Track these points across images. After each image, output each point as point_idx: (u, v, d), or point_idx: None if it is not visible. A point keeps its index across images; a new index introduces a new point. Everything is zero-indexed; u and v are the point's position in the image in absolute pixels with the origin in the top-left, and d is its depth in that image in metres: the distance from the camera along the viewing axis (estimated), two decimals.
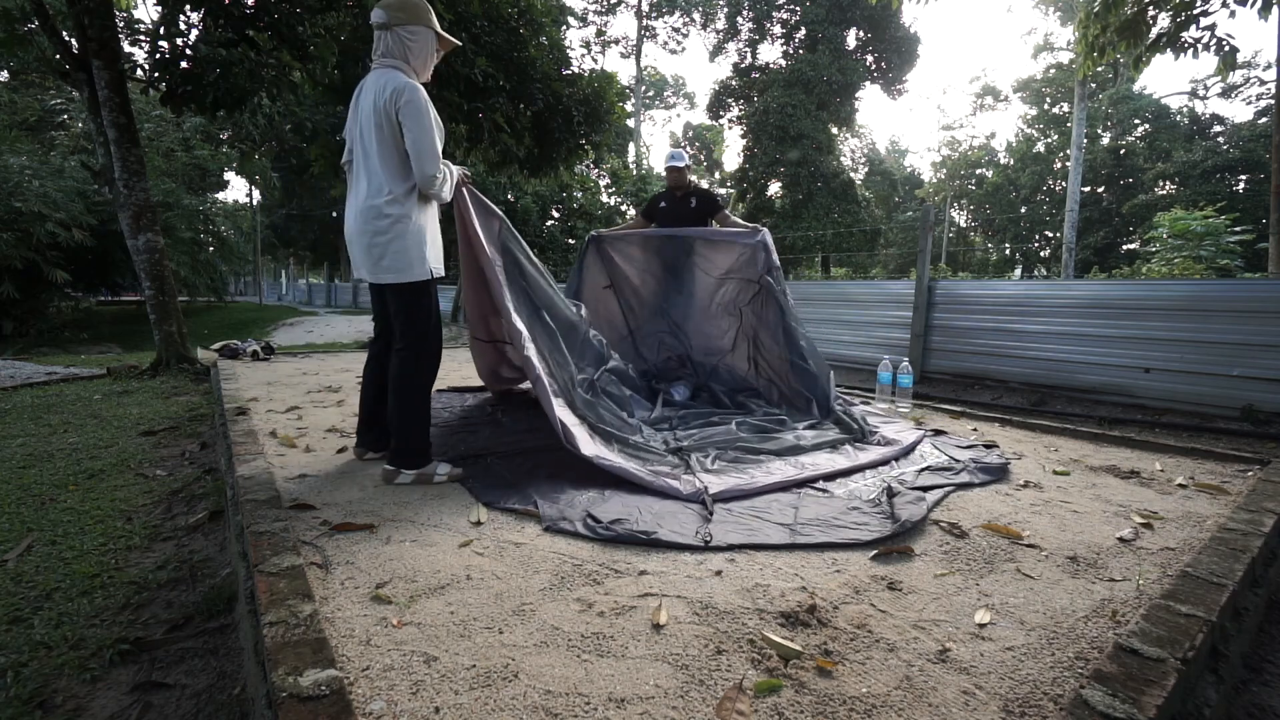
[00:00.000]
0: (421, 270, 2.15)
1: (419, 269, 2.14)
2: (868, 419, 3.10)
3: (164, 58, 5.39)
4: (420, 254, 2.14)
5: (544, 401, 2.34)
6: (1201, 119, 24.98)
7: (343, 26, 6.17)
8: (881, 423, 3.16)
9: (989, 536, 1.80)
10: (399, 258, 2.12)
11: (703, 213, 3.96)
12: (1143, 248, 13.55)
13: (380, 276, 2.16)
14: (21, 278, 11.38)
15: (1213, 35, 5.83)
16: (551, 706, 1.04)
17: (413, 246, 2.12)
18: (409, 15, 2.14)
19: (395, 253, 2.11)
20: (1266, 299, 3.90)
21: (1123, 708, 1.01)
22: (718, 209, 3.96)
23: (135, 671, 1.37)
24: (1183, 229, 8.07)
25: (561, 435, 2.27)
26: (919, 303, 5.68)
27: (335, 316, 19.44)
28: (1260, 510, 1.97)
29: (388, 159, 2.10)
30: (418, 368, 2.21)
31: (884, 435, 2.89)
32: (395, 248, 2.11)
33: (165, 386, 4.91)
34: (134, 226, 5.34)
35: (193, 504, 2.36)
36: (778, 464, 2.44)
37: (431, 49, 2.22)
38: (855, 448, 2.71)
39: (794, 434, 2.81)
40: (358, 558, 1.60)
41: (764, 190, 23.74)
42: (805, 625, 1.31)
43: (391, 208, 2.10)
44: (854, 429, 2.91)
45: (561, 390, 2.52)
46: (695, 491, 2.08)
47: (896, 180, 37.42)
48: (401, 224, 2.10)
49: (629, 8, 29.79)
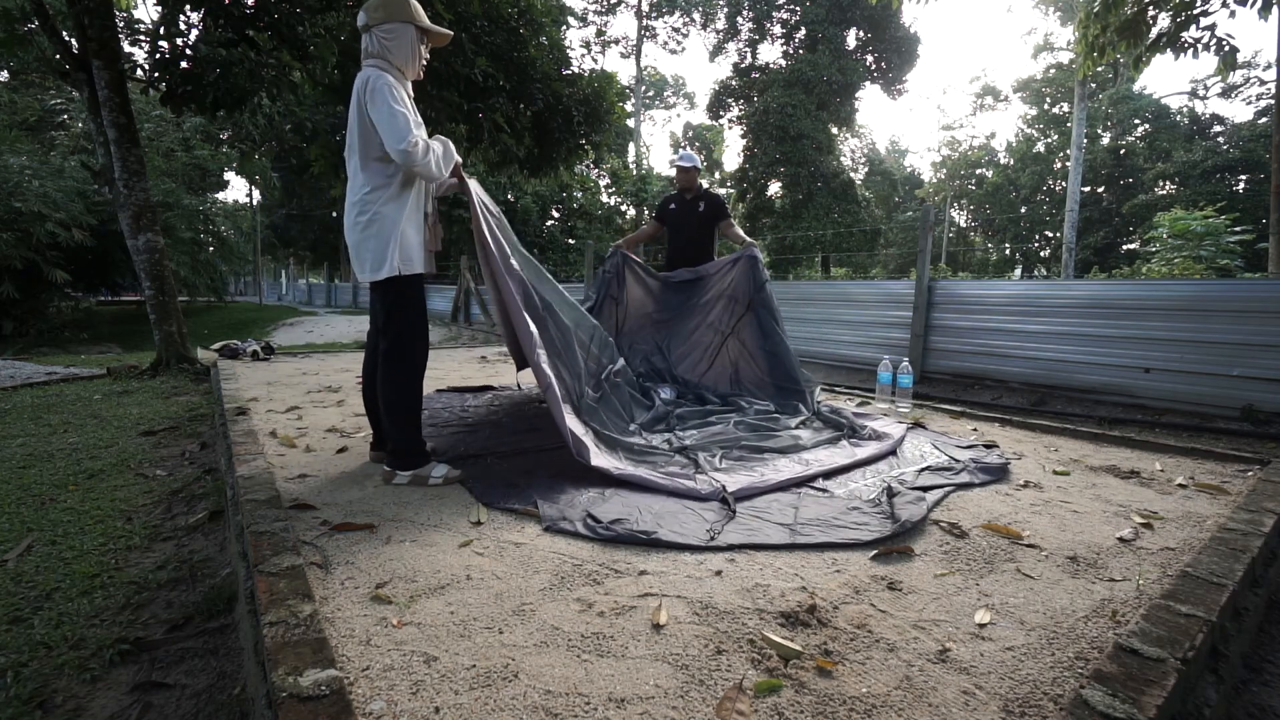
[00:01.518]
0: (389, 267, 2.12)
1: (387, 266, 2.13)
2: (854, 415, 3.19)
3: (164, 58, 5.39)
4: (387, 251, 2.12)
5: (554, 411, 2.33)
6: (1201, 119, 24.98)
7: (343, 26, 6.17)
8: (866, 419, 3.20)
9: (989, 536, 1.80)
10: (374, 254, 2.13)
11: (710, 217, 4.02)
12: (1143, 248, 13.55)
13: (362, 273, 2.18)
14: (21, 278, 11.37)
15: (1213, 35, 5.83)
16: (551, 706, 1.04)
17: (383, 243, 2.12)
18: (386, 13, 2.12)
19: (371, 249, 2.12)
20: (1266, 299, 3.90)
21: (1123, 708, 1.01)
22: (724, 215, 4.02)
23: (135, 671, 1.37)
24: (1183, 229, 8.07)
25: (572, 447, 2.26)
26: (919, 303, 5.68)
27: (335, 316, 19.43)
28: (1260, 510, 1.97)
29: (366, 155, 2.11)
30: (398, 368, 2.20)
31: (873, 429, 2.93)
32: (370, 245, 2.12)
33: (165, 386, 4.91)
34: (134, 226, 5.34)
35: (193, 504, 2.36)
36: (783, 461, 2.47)
37: (413, 45, 2.18)
38: (851, 443, 2.75)
39: (790, 432, 2.84)
40: (358, 558, 1.60)
41: (764, 190, 23.73)
42: (805, 625, 1.31)
43: (366, 204, 2.12)
44: (843, 425, 2.97)
45: (569, 395, 2.51)
46: (714, 490, 2.09)
47: (896, 180, 37.42)
48: (375, 221, 2.11)
49: (629, 8, 29.80)
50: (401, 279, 2.17)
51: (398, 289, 2.18)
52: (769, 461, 2.46)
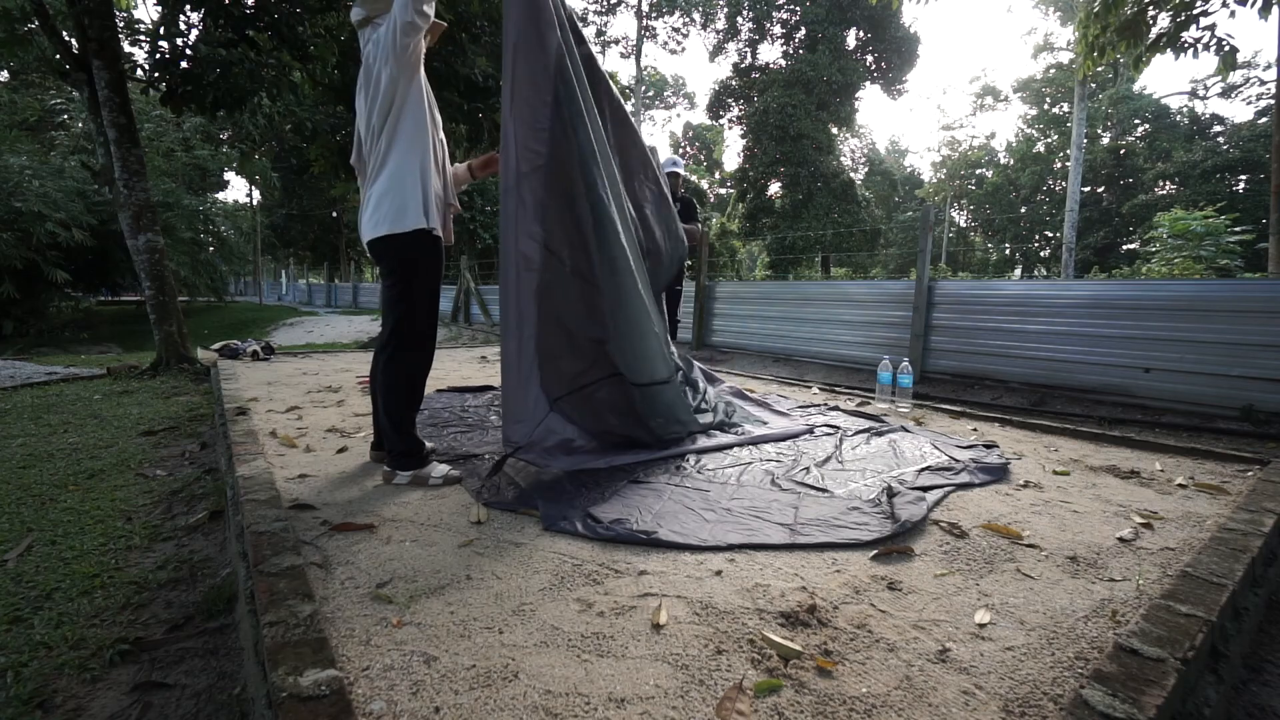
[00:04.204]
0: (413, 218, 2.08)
1: (411, 217, 2.08)
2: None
3: (164, 58, 5.39)
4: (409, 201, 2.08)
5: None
6: (1201, 119, 24.98)
7: (343, 26, 6.17)
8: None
9: (989, 536, 1.80)
10: (394, 205, 2.09)
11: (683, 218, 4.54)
12: (1143, 248, 13.54)
13: (378, 228, 2.14)
14: (21, 278, 11.38)
15: (1213, 35, 5.83)
16: (551, 706, 1.04)
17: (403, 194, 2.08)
18: (386, 5, 2.11)
19: (391, 200, 2.09)
20: (1266, 299, 3.90)
21: (1123, 708, 1.01)
22: (693, 220, 4.72)
23: (135, 671, 1.37)
24: (1183, 229, 8.06)
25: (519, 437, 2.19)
26: (919, 303, 5.68)
27: (335, 316, 19.43)
28: (1260, 510, 1.97)
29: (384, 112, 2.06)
30: (404, 353, 2.15)
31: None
32: (391, 197, 2.09)
33: (165, 386, 4.91)
34: (134, 226, 5.34)
35: (193, 504, 2.36)
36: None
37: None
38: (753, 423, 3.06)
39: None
40: (358, 558, 1.60)
41: (764, 190, 23.74)
42: (805, 625, 1.31)
43: (386, 161, 2.09)
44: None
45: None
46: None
47: (896, 180, 37.44)
48: (397, 172, 2.08)
49: (629, 8, 29.79)
50: (425, 236, 2.07)
51: (418, 249, 2.08)
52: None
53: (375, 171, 2.11)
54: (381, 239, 2.09)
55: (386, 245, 2.10)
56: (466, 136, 7.34)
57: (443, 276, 2.26)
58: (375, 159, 2.11)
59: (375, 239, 2.11)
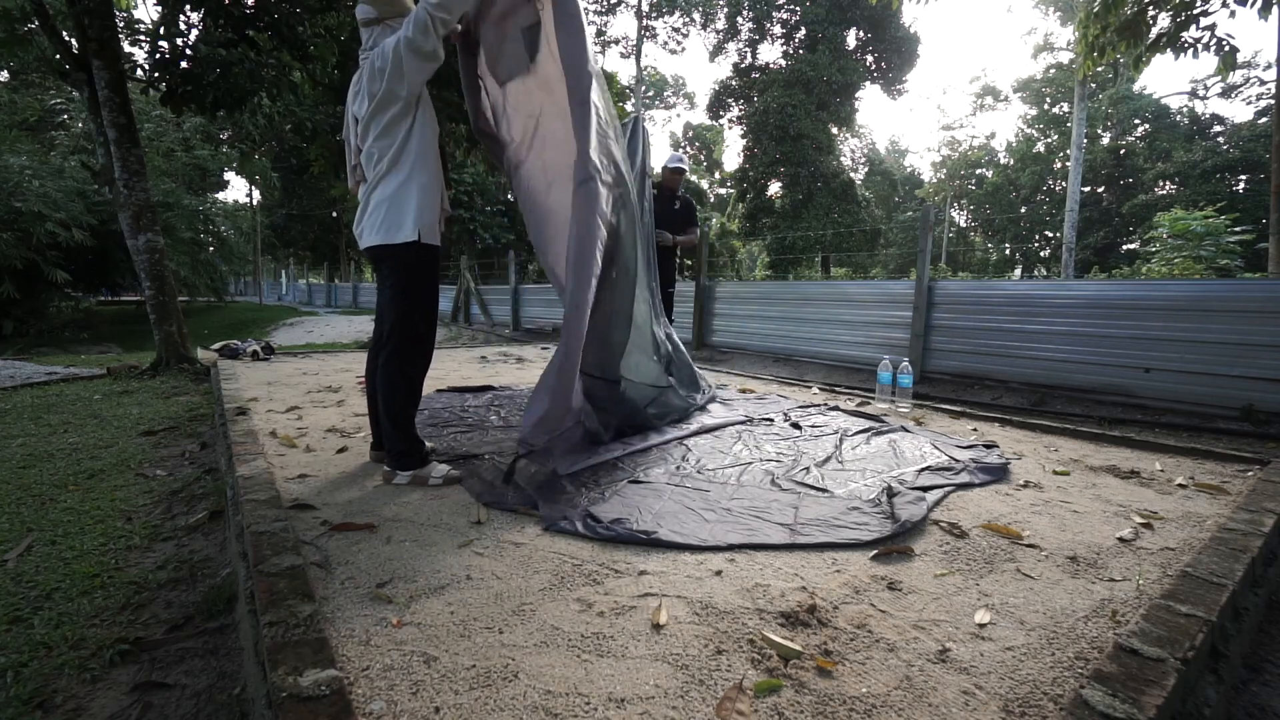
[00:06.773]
0: (409, 230, 2.08)
1: (409, 226, 2.09)
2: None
3: (164, 58, 5.39)
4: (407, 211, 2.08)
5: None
6: (1201, 119, 24.98)
7: (343, 26, 6.17)
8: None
9: (989, 536, 1.80)
10: (391, 214, 2.10)
11: (683, 220, 4.58)
12: (1143, 248, 13.54)
13: (373, 235, 2.15)
14: (21, 278, 11.38)
15: (1213, 35, 5.83)
16: (551, 706, 1.04)
17: (402, 203, 2.09)
18: (394, 8, 2.10)
19: (388, 209, 2.10)
20: (1266, 299, 3.90)
21: (1123, 708, 1.01)
22: (693, 222, 4.63)
23: (135, 671, 1.37)
24: (1183, 229, 8.06)
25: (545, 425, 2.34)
26: (919, 303, 5.68)
27: (335, 316, 19.43)
28: (1260, 510, 1.97)
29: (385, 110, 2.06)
30: (402, 357, 2.16)
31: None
32: (388, 206, 2.10)
33: (165, 386, 4.91)
34: (134, 226, 5.34)
35: (193, 504, 2.36)
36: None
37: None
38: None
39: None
40: (358, 558, 1.60)
41: (764, 190, 23.75)
42: (805, 625, 1.31)
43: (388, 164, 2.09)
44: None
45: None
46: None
47: (896, 180, 37.45)
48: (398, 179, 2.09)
49: (629, 8, 29.78)
50: (421, 248, 2.08)
51: (414, 259, 2.08)
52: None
53: (378, 178, 2.11)
54: (378, 246, 2.12)
55: (383, 251, 2.12)
56: (466, 137, 7.35)
57: (440, 277, 2.27)
58: (376, 165, 2.11)
59: (371, 246, 2.13)
